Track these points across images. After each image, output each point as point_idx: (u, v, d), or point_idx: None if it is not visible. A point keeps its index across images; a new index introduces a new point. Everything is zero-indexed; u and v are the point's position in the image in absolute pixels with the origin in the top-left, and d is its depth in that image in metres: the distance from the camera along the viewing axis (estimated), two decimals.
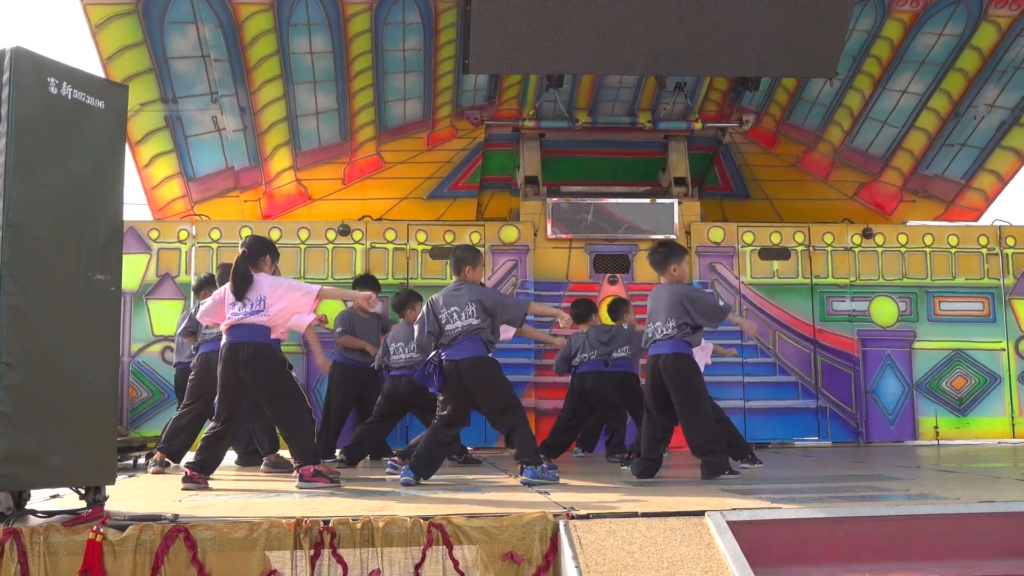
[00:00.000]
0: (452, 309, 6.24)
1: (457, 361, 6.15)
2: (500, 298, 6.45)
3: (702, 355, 7.69)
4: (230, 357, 6.05)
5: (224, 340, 6.15)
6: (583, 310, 8.68)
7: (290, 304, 6.10)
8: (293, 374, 6.37)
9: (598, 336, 8.49)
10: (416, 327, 6.66)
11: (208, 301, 6.66)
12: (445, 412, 6.24)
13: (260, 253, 6.25)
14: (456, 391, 6.21)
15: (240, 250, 6.25)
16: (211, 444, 6.26)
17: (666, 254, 6.71)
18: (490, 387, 6.17)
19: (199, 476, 6.05)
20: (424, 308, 6.48)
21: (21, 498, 4.30)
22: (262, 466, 7.64)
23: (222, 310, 6.24)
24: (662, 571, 3.84)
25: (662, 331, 6.49)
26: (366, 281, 8.99)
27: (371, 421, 8.13)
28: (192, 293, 8.66)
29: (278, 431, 7.04)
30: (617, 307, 8.84)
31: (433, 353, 6.30)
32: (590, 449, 8.99)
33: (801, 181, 11.72)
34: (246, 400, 6.33)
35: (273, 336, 6.12)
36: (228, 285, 6.19)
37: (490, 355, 6.26)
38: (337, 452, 8.27)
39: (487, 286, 8.83)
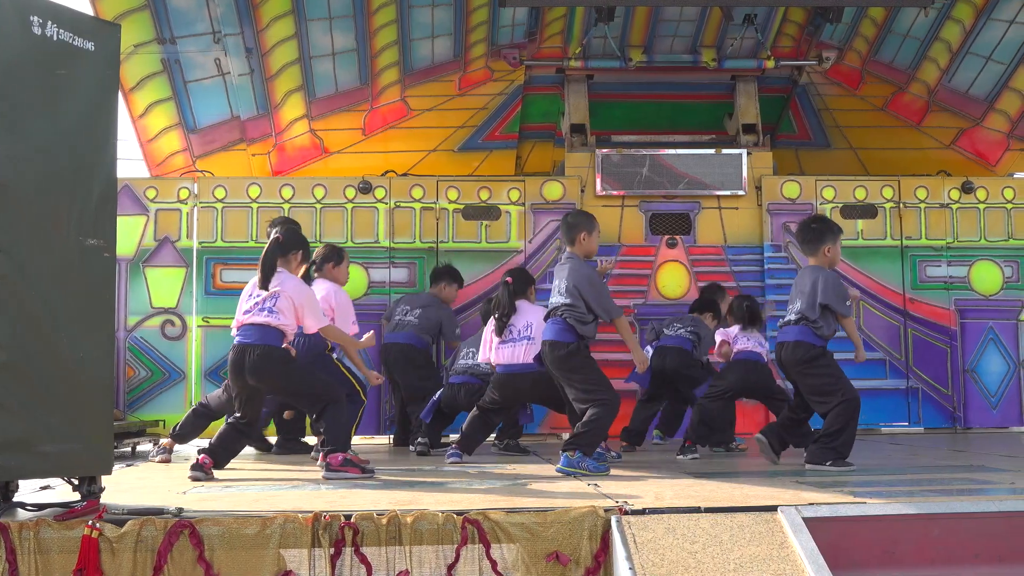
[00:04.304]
0: (554, 282, 6.68)
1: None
2: (591, 288, 6.53)
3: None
4: (237, 361, 6.20)
5: (235, 339, 6.32)
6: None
7: (298, 318, 6.29)
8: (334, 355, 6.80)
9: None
10: None
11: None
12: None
13: (293, 247, 6.42)
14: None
15: (274, 235, 6.38)
16: (231, 438, 6.40)
17: (820, 232, 6.84)
18: (569, 376, 6.49)
19: (210, 464, 6.16)
20: None
21: (8, 489, 4.38)
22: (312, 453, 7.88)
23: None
24: (728, 574, 3.85)
25: (788, 315, 6.78)
26: (449, 274, 9.25)
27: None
28: None
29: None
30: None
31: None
32: (671, 433, 8.97)
33: (890, 127, 11.57)
34: (263, 401, 6.57)
35: (283, 342, 6.29)
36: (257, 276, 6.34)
37: (574, 342, 6.43)
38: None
39: (529, 250, 8.98)
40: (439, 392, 8.37)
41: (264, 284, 6.19)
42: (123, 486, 5.47)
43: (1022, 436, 9.69)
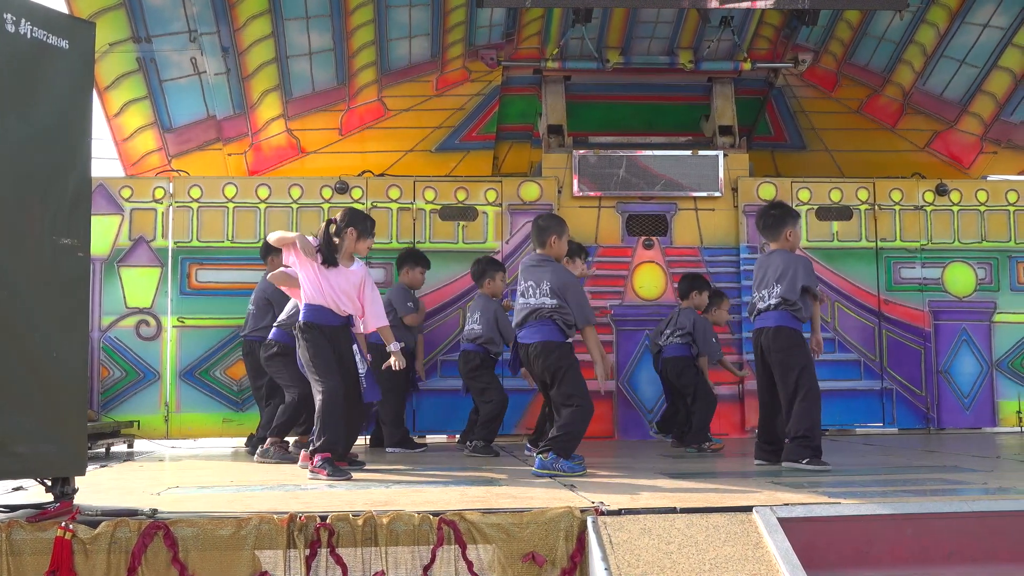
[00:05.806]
0: (529, 283, 6.53)
1: (527, 345, 6.49)
2: (575, 293, 6.53)
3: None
4: None
5: None
6: (684, 287, 8.93)
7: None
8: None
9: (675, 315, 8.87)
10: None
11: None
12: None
13: (343, 227, 6.65)
14: (537, 376, 6.62)
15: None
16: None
17: (781, 216, 6.98)
18: (559, 377, 6.40)
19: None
20: None
21: None
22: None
23: None
24: (703, 574, 3.86)
25: (766, 301, 6.81)
26: (411, 257, 9.16)
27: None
28: None
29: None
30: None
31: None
32: (668, 431, 8.96)
33: (865, 130, 11.62)
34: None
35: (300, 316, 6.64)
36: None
37: (565, 342, 6.45)
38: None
39: (506, 251, 8.97)
40: None
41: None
42: (97, 487, 5.45)
43: (995, 437, 9.75)
